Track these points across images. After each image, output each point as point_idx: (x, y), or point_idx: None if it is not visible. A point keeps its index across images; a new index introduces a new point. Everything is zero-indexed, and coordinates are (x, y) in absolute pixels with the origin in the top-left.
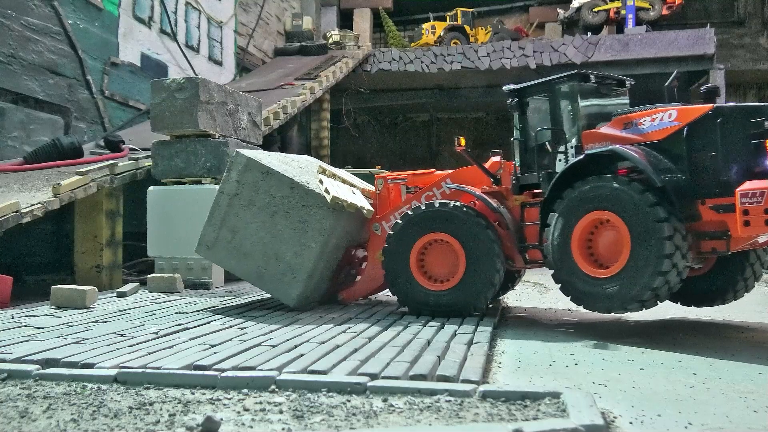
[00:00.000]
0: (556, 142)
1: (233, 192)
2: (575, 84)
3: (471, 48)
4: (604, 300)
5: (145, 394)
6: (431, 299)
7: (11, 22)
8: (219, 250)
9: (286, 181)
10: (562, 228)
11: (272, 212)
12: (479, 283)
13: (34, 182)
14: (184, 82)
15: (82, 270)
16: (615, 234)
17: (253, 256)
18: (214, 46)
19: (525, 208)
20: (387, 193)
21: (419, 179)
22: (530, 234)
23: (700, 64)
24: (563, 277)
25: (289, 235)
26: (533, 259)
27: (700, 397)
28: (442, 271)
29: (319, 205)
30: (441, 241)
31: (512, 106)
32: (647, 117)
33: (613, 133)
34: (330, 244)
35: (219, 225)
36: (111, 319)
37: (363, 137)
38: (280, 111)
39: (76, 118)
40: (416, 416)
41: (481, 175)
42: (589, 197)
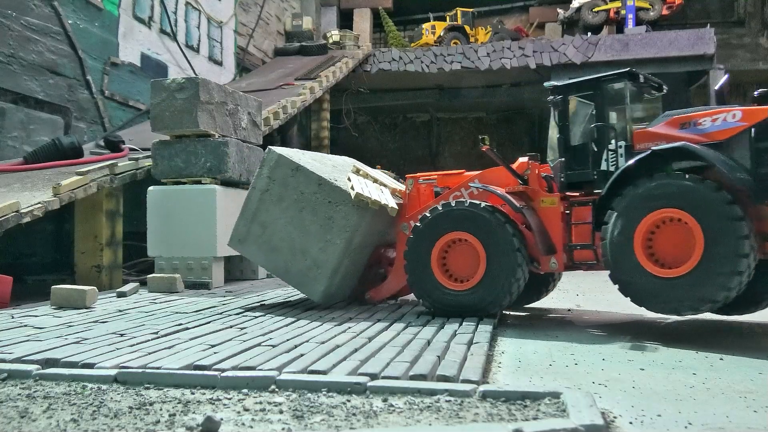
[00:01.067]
0: (604, 141)
1: (264, 188)
2: (625, 83)
3: (471, 48)
4: (672, 300)
5: (145, 394)
6: (451, 299)
7: (11, 22)
8: (250, 244)
9: (314, 177)
10: (623, 226)
11: (300, 208)
12: (499, 284)
13: (34, 182)
14: (184, 82)
15: (82, 270)
16: (683, 232)
17: (281, 250)
18: (214, 46)
19: (573, 207)
20: (417, 193)
21: (449, 179)
22: (578, 234)
23: (700, 64)
24: (623, 276)
25: (315, 230)
26: (582, 260)
27: (700, 397)
28: (463, 270)
29: (344, 202)
30: (463, 241)
31: (555, 103)
32: (707, 117)
33: (669, 133)
34: (354, 241)
35: (250, 219)
36: (111, 319)
37: (363, 137)
38: (280, 111)
39: (76, 118)
40: (416, 416)
41: (509, 176)
42: (655, 195)
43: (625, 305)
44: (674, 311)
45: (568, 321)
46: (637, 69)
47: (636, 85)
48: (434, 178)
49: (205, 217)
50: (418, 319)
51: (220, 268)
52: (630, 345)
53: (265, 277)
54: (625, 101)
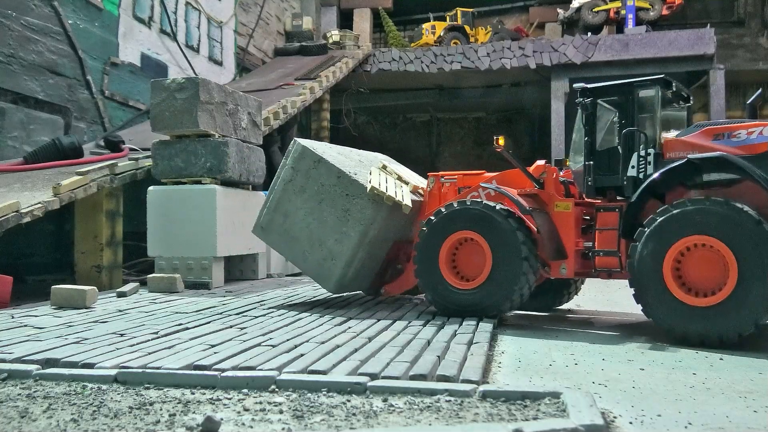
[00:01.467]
0: (633, 147)
1: (288, 178)
2: (658, 89)
3: (471, 48)
4: (704, 331)
5: (145, 394)
6: (456, 297)
7: (11, 22)
8: (272, 232)
9: (334, 170)
10: (654, 248)
11: (320, 199)
12: (504, 285)
13: (34, 182)
14: (184, 82)
15: (82, 270)
16: (714, 260)
17: (300, 240)
18: (214, 46)
19: (599, 213)
20: (438, 191)
21: (469, 179)
22: (603, 240)
23: (700, 64)
24: (649, 300)
25: (332, 222)
26: (605, 267)
27: (700, 397)
28: (471, 270)
29: (361, 195)
30: (471, 240)
31: (584, 105)
32: (742, 130)
33: (702, 143)
34: (370, 234)
35: (273, 208)
36: (111, 319)
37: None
38: (280, 111)
39: (76, 118)
40: (416, 416)
41: (526, 179)
42: (693, 220)
43: (625, 305)
44: (701, 341)
45: (568, 321)
46: (637, 69)
47: (667, 93)
48: (456, 177)
49: (205, 217)
50: (418, 319)
51: (220, 268)
52: (630, 345)
53: (265, 277)
54: (655, 108)
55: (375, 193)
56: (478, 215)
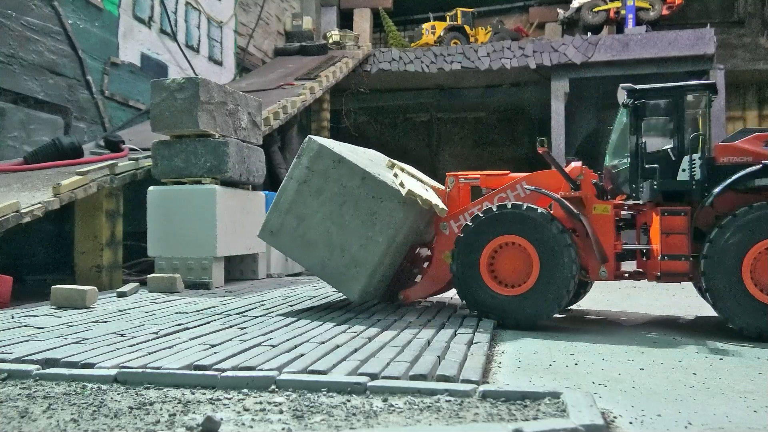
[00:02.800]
0: (686, 151)
1: (302, 179)
2: (707, 94)
3: (471, 48)
4: None
5: (145, 394)
6: (500, 304)
7: (11, 22)
8: (283, 237)
9: (359, 171)
10: (733, 249)
11: (341, 202)
12: (552, 290)
13: (34, 182)
14: (184, 82)
15: (82, 270)
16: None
17: (317, 245)
18: (214, 46)
19: (664, 216)
20: (457, 192)
21: (493, 180)
22: (670, 244)
23: (700, 64)
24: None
25: (356, 226)
26: (672, 271)
27: (700, 397)
28: (513, 275)
29: (390, 197)
30: (513, 245)
31: (635, 107)
32: None
33: (755, 149)
34: (398, 239)
35: (285, 211)
36: (111, 319)
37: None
38: (280, 111)
39: (76, 118)
40: (416, 416)
41: (557, 181)
42: (763, 225)
43: (624, 305)
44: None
45: (568, 321)
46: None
47: (712, 98)
48: (477, 178)
49: (205, 217)
50: (418, 319)
51: (220, 268)
52: (630, 345)
53: (265, 277)
54: (705, 112)
55: (411, 196)
56: (522, 218)
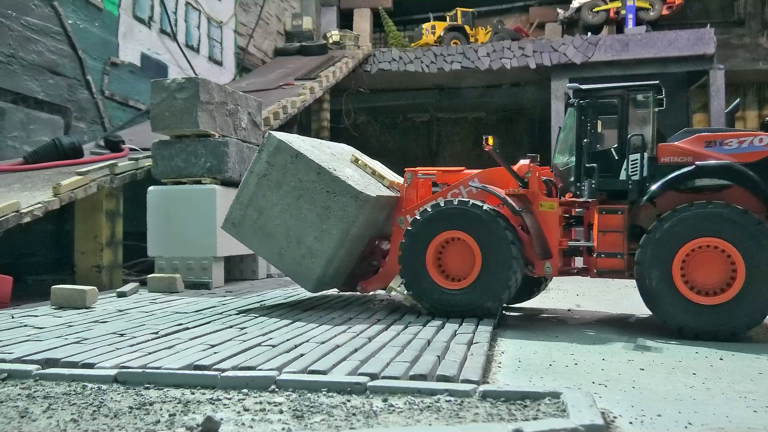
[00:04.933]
0: (629, 150)
1: (262, 172)
2: (652, 94)
3: (471, 48)
4: (715, 326)
5: (145, 394)
6: (445, 297)
7: (11, 22)
8: (244, 229)
9: (314, 166)
10: (663, 248)
11: (298, 195)
12: (494, 285)
13: (34, 182)
14: (184, 82)
15: (82, 270)
16: (720, 261)
17: (276, 237)
18: (214, 46)
19: (601, 214)
20: (415, 187)
21: (448, 176)
22: (606, 241)
23: (700, 64)
24: (657, 296)
25: (312, 219)
26: (608, 268)
27: (700, 397)
28: (458, 269)
29: (342, 192)
30: (458, 240)
31: (580, 107)
32: (734, 139)
33: (696, 150)
34: (351, 232)
35: (246, 204)
36: (111, 319)
37: (363, 137)
38: (280, 111)
39: (76, 118)
40: (416, 416)
41: (509, 177)
42: (701, 223)
43: (624, 305)
44: (699, 336)
45: (568, 321)
46: (637, 69)
47: (657, 98)
48: (434, 174)
49: (205, 217)
50: (418, 319)
51: (220, 268)
52: (630, 345)
53: (265, 277)
54: (649, 112)
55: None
56: (467, 215)
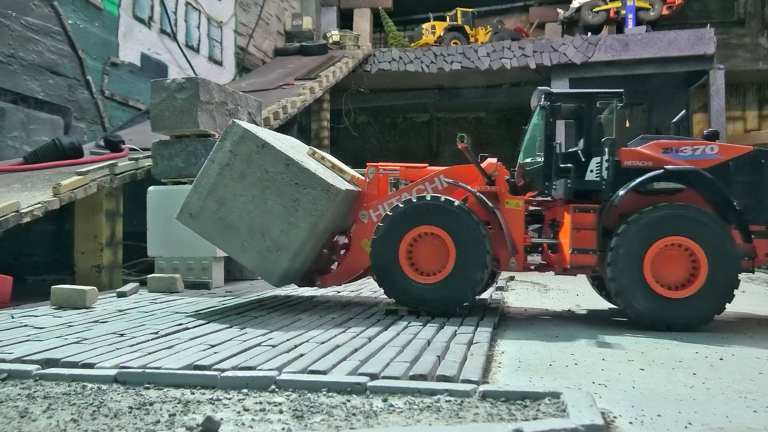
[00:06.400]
0: (595, 153)
1: (225, 162)
2: (615, 102)
3: (471, 48)
4: (685, 318)
5: (145, 394)
6: (418, 292)
7: (11, 22)
8: (202, 220)
9: (282, 157)
10: (636, 244)
11: (263, 187)
12: (468, 279)
13: (34, 182)
14: (184, 82)
15: (82, 270)
16: (684, 258)
17: (239, 229)
18: (214, 46)
19: (575, 213)
20: (377, 182)
21: (412, 172)
22: (579, 238)
23: (700, 64)
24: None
25: (278, 212)
26: (580, 264)
27: (700, 397)
28: (431, 264)
29: (312, 185)
30: (431, 235)
31: (551, 109)
32: (688, 146)
33: (655, 155)
34: (320, 226)
35: (206, 194)
36: (111, 319)
37: (363, 137)
38: (280, 111)
39: (76, 118)
40: (416, 416)
41: (474, 175)
42: (667, 223)
43: None
44: (669, 328)
45: (568, 321)
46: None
47: (619, 105)
48: (397, 170)
49: None
50: (418, 319)
51: (220, 268)
52: (630, 345)
53: None
54: (613, 118)
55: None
56: (441, 210)
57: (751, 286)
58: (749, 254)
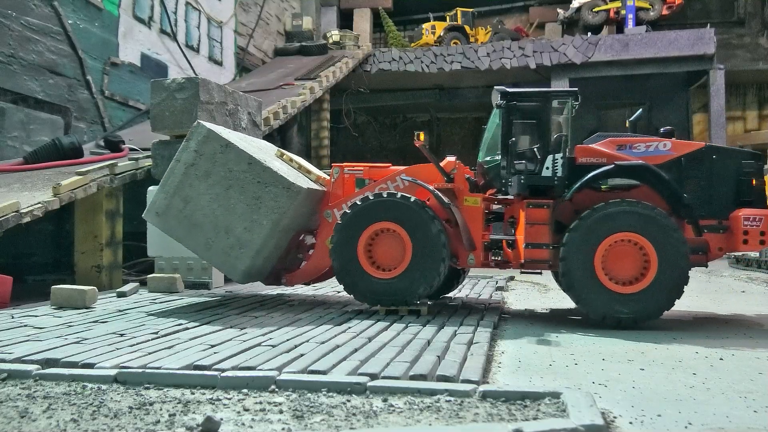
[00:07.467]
0: (551, 150)
1: (190, 161)
2: (571, 101)
3: (471, 48)
4: (634, 313)
5: (145, 394)
6: (377, 287)
7: (11, 22)
8: (169, 218)
9: (245, 156)
10: (587, 240)
11: (227, 185)
12: (424, 272)
13: (34, 182)
14: (184, 82)
15: (82, 270)
16: (635, 253)
17: (204, 227)
18: (214, 46)
19: (528, 209)
20: (342, 182)
21: (375, 172)
22: (533, 233)
23: (700, 64)
24: (581, 287)
25: (242, 210)
26: (533, 258)
27: (700, 397)
28: (389, 260)
29: (274, 183)
30: (389, 231)
31: (508, 108)
32: (642, 143)
33: (609, 152)
34: (282, 223)
35: (172, 193)
36: (111, 319)
37: (363, 137)
38: (280, 111)
39: (76, 118)
40: (416, 416)
41: (435, 174)
42: (617, 219)
43: None
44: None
45: (568, 321)
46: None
47: (574, 104)
48: (361, 169)
49: None
50: (418, 320)
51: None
52: (630, 345)
53: None
54: (568, 116)
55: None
56: (397, 206)
57: (751, 286)
58: (702, 249)
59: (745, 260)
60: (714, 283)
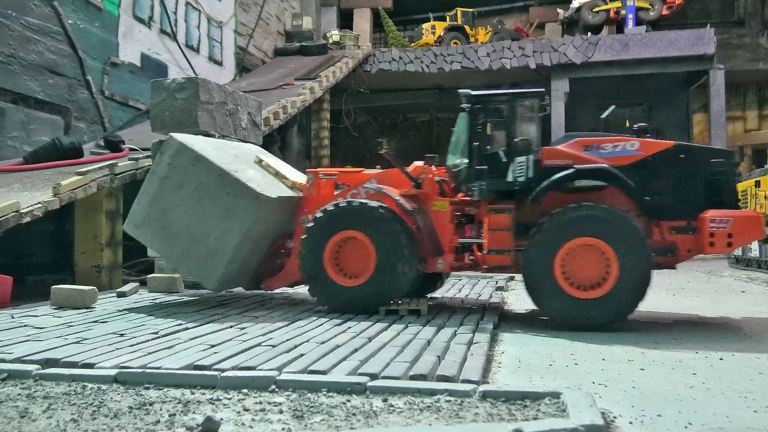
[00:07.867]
0: (516, 153)
1: (164, 174)
2: (537, 102)
3: (471, 48)
4: (590, 317)
5: (145, 394)
6: (342, 294)
7: (11, 22)
8: (147, 229)
9: (214, 168)
10: (547, 246)
11: (199, 197)
12: (388, 279)
13: (34, 182)
14: (184, 82)
15: (82, 270)
16: (595, 258)
17: (179, 238)
18: (214, 46)
19: (491, 214)
20: (317, 187)
21: (349, 177)
22: (495, 239)
23: (700, 64)
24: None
25: (214, 220)
26: (496, 264)
27: (700, 397)
28: (355, 267)
29: (243, 194)
30: (355, 239)
31: (472, 111)
32: (609, 143)
33: (575, 153)
34: (253, 232)
35: (148, 205)
36: (111, 319)
37: (363, 137)
38: (280, 111)
39: (76, 118)
40: (416, 416)
41: (405, 179)
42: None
43: None
44: (596, 327)
45: None
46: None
47: (542, 104)
48: (335, 174)
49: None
50: (418, 320)
51: None
52: (630, 345)
53: None
54: (534, 118)
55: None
56: (361, 214)
57: (751, 286)
58: (670, 250)
59: (745, 260)
60: (714, 283)
